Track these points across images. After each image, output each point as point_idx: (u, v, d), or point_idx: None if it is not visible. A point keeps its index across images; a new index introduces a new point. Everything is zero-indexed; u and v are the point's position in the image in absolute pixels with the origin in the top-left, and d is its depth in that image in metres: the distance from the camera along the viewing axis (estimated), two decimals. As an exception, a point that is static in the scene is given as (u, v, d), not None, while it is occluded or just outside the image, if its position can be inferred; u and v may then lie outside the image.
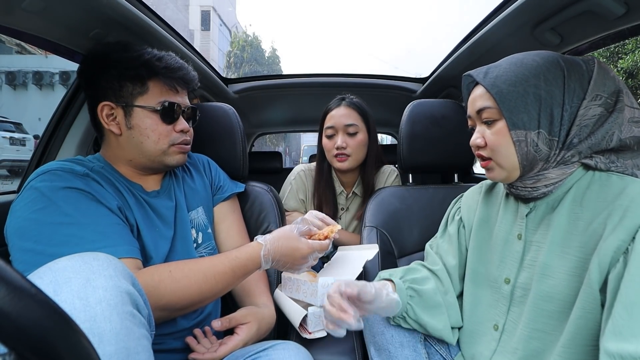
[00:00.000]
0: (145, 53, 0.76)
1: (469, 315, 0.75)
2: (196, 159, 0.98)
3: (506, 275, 0.69)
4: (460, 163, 1.14)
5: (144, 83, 0.75)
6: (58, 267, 0.47)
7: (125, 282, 0.50)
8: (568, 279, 0.58)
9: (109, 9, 0.82)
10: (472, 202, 0.83)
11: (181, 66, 0.79)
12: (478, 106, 0.67)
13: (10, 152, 8.09)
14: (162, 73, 0.76)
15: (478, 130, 0.69)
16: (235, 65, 21.81)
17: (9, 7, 0.72)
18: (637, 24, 0.78)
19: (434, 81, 1.60)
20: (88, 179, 0.69)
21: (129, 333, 0.46)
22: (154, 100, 0.76)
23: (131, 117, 0.75)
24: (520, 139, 0.62)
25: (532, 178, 0.64)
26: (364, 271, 1.03)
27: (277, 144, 20.18)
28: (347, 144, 1.23)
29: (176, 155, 0.81)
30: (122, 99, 0.75)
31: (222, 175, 1.01)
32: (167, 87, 0.77)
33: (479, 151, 0.69)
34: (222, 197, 0.96)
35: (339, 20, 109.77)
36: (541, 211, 0.66)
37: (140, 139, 0.76)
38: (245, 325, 0.77)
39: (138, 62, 0.74)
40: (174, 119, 0.79)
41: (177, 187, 0.87)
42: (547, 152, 0.61)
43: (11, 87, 12.25)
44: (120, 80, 0.74)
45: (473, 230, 0.79)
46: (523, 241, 0.67)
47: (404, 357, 0.73)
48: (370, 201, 1.13)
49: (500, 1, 0.95)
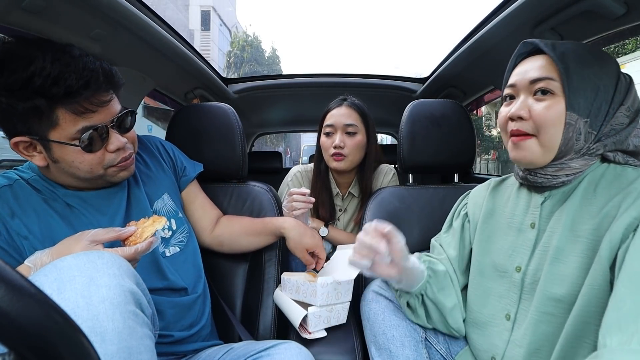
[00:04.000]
0: (34, 74, 0.56)
1: (479, 308, 0.75)
2: (149, 144, 0.91)
3: (517, 263, 0.68)
4: (460, 163, 1.14)
5: (50, 114, 0.60)
6: (63, 265, 0.47)
7: (129, 281, 0.50)
8: (579, 261, 0.57)
9: (109, 9, 0.82)
10: (479, 198, 0.83)
11: (88, 81, 0.60)
12: (535, 75, 0.63)
13: (10, 152, 8.07)
14: (64, 101, 0.59)
15: (522, 101, 0.64)
16: (235, 65, 21.80)
17: (9, 7, 0.72)
18: (637, 24, 0.78)
19: (434, 81, 1.60)
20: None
21: (132, 332, 0.46)
22: (69, 131, 0.62)
23: (51, 152, 0.64)
24: (571, 122, 0.60)
25: (555, 166, 0.64)
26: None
27: (277, 144, 20.18)
28: (345, 143, 1.22)
29: (119, 174, 0.72)
30: (33, 133, 0.61)
31: (181, 155, 0.96)
32: (77, 113, 0.61)
33: (518, 124, 0.64)
34: (189, 179, 0.94)
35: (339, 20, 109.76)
36: (556, 199, 0.65)
37: (70, 170, 0.66)
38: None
39: (30, 90, 0.57)
40: (102, 143, 0.66)
41: (132, 179, 0.81)
42: (582, 144, 0.61)
43: (11, 87, 12.22)
44: (20, 114, 0.59)
45: (479, 223, 0.79)
46: (536, 229, 0.67)
47: (405, 357, 0.73)
48: (370, 201, 1.13)
49: (500, 1, 0.95)
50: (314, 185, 1.34)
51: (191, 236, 0.89)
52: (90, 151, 0.65)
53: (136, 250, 0.59)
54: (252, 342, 0.77)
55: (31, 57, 0.57)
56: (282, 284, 0.96)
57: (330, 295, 0.84)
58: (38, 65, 0.57)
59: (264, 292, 0.98)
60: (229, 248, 0.97)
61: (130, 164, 0.74)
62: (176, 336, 0.75)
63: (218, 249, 0.97)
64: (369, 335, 0.79)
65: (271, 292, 0.97)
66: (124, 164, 0.72)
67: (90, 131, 0.63)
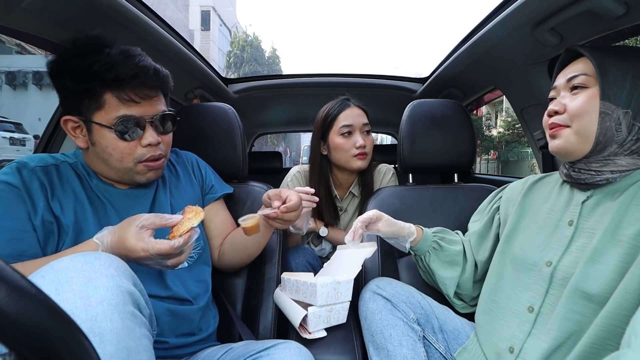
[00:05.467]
0: (96, 61, 0.66)
1: (501, 297, 0.75)
2: (184, 158, 0.95)
3: (549, 258, 0.68)
4: (460, 163, 1.14)
5: (99, 97, 0.68)
6: (60, 267, 0.47)
7: (127, 281, 0.50)
8: (617, 264, 0.57)
9: (109, 9, 0.82)
10: (513, 194, 0.84)
11: (137, 73, 0.68)
12: (572, 73, 0.68)
13: (10, 152, 8.08)
14: (112, 86, 0.67)
15: (559, 98, 0.70)
16: (235, 65, 21.80)
17: (9, 7, 0.72)
18: (637, 24, 0.78)
19: (434, 81, 1.60)
20: (34, 176, 0.69)
21: (130, 333, 0.47)
22: (110, 115, 0.69)
23: (92, 134, 0.70)
24: (607, 111, 0.62)
25: (599, 161, 0.65)
26: (363, 269, 1.03)
27: (277, 144, 20.18)
28: (365, 142, 1.25)
29: (146, 173, 0.75)
30: (82, 114, 0.70)
31: (212, 175, 0.99)
32: (122, 100, 0.69)
33: (554, 118, 0.69)
34: (214, 197, 0.95)
35: (339, 21, 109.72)
36: (600, 199, 0.65)
37: (104, 156, 0.72)
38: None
39: (88, 73, 0.66)
40: (137, 134, 0.71)
41: (162, 187, 0.84)
42: (625, 136, 0.62)
43: (11, 87, 12.23)
44: (76, 94, 0.68)
45: (511, 218, 0.80)
46: (574, 227, 0.67)
47: (402, 356, 0.73)
48: (370, 201, 1.13)
49: (500, 1, 0.95)
50: (317, 186, 1.33)
51: (204, 252, 0.89)
52: (123, 139, 0.70)
53: (172, 247, 0.59)
54: (251, 342, 0.77)
55: (99, 50, 0.68)
56: (282, 284, 0.96)
57: (330, 295, 0.84)
58: (102, 56, 0.67)
59: (264, 292, 0.97)
60: (230, 261, 0.95)
61: (159, 166, 0.77)
62: (171, 343, 0.75)
63: (224, 264, 0.95)
64: (366, 334, 0.79)
65: (271, 292, 0.97)
66: (153, 164, 0.75)
67: (128, 120, 0.69)
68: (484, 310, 0.78)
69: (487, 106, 12.76)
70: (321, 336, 0.85)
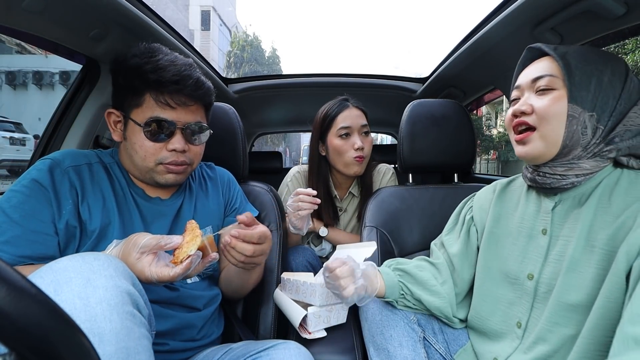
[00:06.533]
0: (147, 63, 0.71)
1: (488, 315, 0.74)
2: (218, 175, 0.95)
3: (529, 270, 0.68)
4: (460, 163, 1.14)
5: (140, 95, 0.72)
6: (59, 267, 0.47)
7: (126, 282, 0.50)
8: (595, 272, 0.57)
9: (109, 9, 0.82)
10: (485, 202, 0.82)
11: (179, 80, 0.71)
12: (536, 74, 0.66)
13: (10, 152, 8.08)
14: (153, 87, 0.71)
15: (525, 98, 0.68)
16: (235, 65, 21.81)
17: (9, 7, 0.72)
18: (637, 24, 0.78)
19: (434, 81, 1.60)
20: (66, 177, 0.70)
21: (129, 333, 0.47)
22: (145, 114, 0.72)
23: (127, 129, 0.74)
24: (574, 114, 0.62)
25: (564, 165, 0.64)
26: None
27: (277, 144, 20.18)
28: (364, 144, 1.23)
29: (165, 175, 0.76)
30: (123, 109, 0.74)
31: (241, 197, 0.98)
32: (159, 102, 0.72)
33: (522, 118, 0.66)
34: (234, 221, 0.92)
35: (339, 21, 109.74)
36: (568, 205, 0.65)
37: (131, 152, 0.74)
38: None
39: (137, 72, 0.71)
40: (164, 137, 0.73)
41: (188, 201, 0.85)
42: (590, 139, 0.62)
43: (11, 87, 12.24)
44: (123, 89, 0.73)
45: (486, 228, 0.78)
46: (548, 236, 0.66)
47: (402, 357, 0.73)
48: (370, 201, 1.13)
49: (500, 1, 0.95)
50: (317, 187, 1.32)
51: (216, 270, 0.89)
52: (150, 139, 0.72)
53: (172, 277, 0.57)
54: (251, 342, 0.77)
55: (155, 54, 0.72)
56: (282, 284, 0.96)
57: (330, 295, 0.84)
58: (154, 59, 0.71)
59: (264, 292, 0.97)
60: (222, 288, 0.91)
61: (179, 171, 0.77)
62: (172, 345, 0.75)
63: (226, 287, 0.91)
64: (367, 335, 0.79)
65: (271, 292, 0.97)
66: (174, 167, 0.76)
67: (159, 122, 0.72)
68: (473, 326, 0.78)
69: (487, 106, 12.75)
70: (321, 336, 0.85)
